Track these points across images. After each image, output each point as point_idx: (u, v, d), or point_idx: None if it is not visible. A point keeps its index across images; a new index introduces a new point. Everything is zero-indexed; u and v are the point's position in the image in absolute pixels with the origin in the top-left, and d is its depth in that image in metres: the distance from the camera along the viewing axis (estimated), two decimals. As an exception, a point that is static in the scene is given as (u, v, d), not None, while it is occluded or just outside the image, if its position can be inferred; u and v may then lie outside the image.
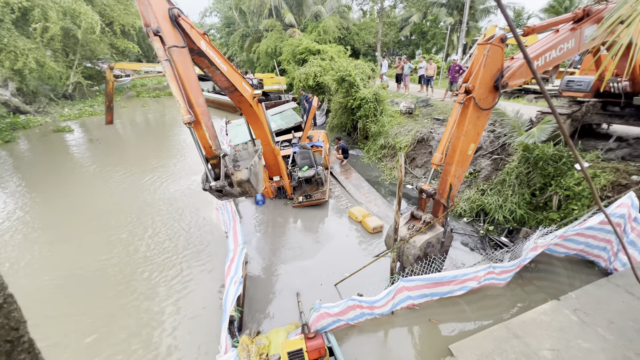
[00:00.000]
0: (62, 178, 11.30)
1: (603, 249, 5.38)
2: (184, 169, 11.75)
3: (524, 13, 29.67)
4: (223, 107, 21.38)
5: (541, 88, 1.78)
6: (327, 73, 15.22)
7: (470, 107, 4.47)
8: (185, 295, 5.69)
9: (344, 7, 28.22)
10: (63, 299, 5.72)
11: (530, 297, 5.08)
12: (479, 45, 4.48)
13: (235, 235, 5.42)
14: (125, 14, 22.64)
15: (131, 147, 15.16)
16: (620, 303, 4.14)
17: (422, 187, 4.99)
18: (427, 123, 11.04)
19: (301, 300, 5.24)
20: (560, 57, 4.83)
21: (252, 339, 4.03)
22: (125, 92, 30.67)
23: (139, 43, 27.25)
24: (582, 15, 4.91)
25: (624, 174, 5.88)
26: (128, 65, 22.82)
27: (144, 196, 9.59)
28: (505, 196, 6.90)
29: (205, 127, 4.35)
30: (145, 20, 3.87)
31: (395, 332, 4.69)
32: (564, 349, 3.62)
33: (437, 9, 26.53)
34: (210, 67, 5.20)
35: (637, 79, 6.36)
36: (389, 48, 32.68)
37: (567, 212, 6.00)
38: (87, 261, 6.65)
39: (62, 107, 22.52)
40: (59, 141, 16.05)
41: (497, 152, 8.43)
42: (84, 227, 7.97)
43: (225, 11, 36.08)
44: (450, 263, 5.99)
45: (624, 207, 4.83)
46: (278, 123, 13.10)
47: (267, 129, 7.46)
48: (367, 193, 9.17)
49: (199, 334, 4.89)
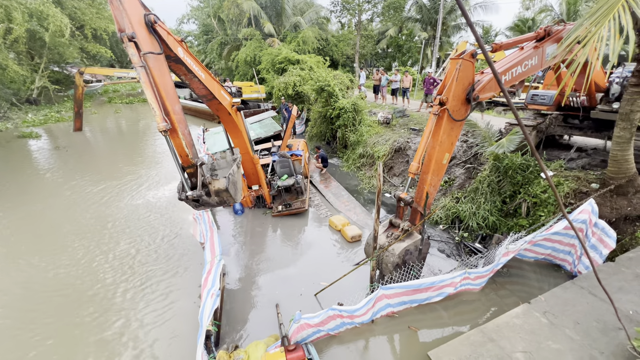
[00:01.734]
0: (21, 187, 10.57)
1: (568, 253, 5.70)
2: (158, 178, 11.35)
3: (491, 30, 31.53)
4: (200, 115, 20.99)
5: (508, 102, 1.89)
6: (307, 83, 15.36)
7: (445, 118, 4.66)
8: (158, 310, 5.42)
9: (323, 19, 28.78)
10: (17, 319, 5.30)
11: (503, 301, 5.27)
12: (451, 60, 4.70)
13: (212, 246, 5.27)
14: (98, 17, 21.89)
15: (101, 155, 14.48)
16: (585, 304, 4.38)
17: (400, 195, 5.10)
18: (404, 133, 11.36)
19: (280, 311, 5.14)
20: (526, 72, 5.16)
21: (229, 354, 3.90)
22: (96, 98, 29.43)
23: (111, 48, 26.38)
24: (544, 34, 5.29)
25: (585, 182, 6.30)
26: (99, 71, 21.99)
27: (113, 206, 9.15)
28: (479, 204, 7.17)
29: (181, 135, 4.24)
30: (119, 25, 3.75)
31: (375, 340, 4.70)
32: (536, 351, 3.76)
33: (412, 24, 27.66)
34: (187, 75, 5.10)
35: (593, 95, 6.89)
36: (367, 60, 33.56)
37: (535, 219, 6.32)
38: (43, 277, 6.22)
39: (26, 112, 21.23)
40: (20, 148, 15.08)
41: (470, 162, 8.79)
42: (40, 241, 7.47)
43: (203, 18, 35.75)
44: (428, 270, 6.12)
45: (585, 214, 5.15)
46: (257, 131, 13.02)
47: (246, 137, 7.39)
48: (347, 202, 9.24)
49: (174, 350, 4.66)
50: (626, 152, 5.54)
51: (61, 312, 5.40)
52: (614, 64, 4.64)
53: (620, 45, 4.15)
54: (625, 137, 5.42)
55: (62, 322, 5.20)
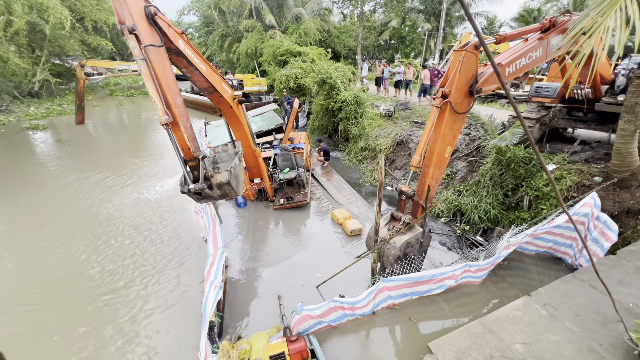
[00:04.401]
0: (23, 180, 10.65)
1: (569, 246, 5.70)
2: (160, 170, 11.39)
3: (496, 21, 31.05)
4: (202, 108, 20.93)
5: (508, 95, 1.87)
6: (308, 75, 15.26)
7: (447, 111, 4.62)
8: (162, 302, 5.51)
9: (325, 10, 28.42)
10: (31, 310, 5.40)
11: (503, 293, 5.30)
12: (454, 52, 4.64)
13: (215, 238, 5.32)
14: (98, 9, 21.72)
15: (103, 148, 14.52)
16: (585, 297, 4.41)
17: (402, 188, 5.10)
18: (406, 126, 11.30)
19: (283, 303, 5.21)
20: (530, 64, 5.09)
21: (232, 344, 3.96)
22: (97, 90, 29.39)
23: (112, 40, 26.23)
24: (549, 25, 5.20)
25: (587, 175, 6.27)
26: (100, 63, 21.88)
27: (115, 199, 9.22)
28: (480, 197, 7.17)
29: (183, 129, 4.24)
30: (119, 17, 3.72)
31: (376, 332, 4.76)
32: (535, 342, 3.80)
33: (415, 15, 27.25)
34: (188, 67, 5.08)
35: (598, 87, 6.80)
36: (369, 52, 33.20)
37: (537, 212, 6.32)
38: (48, 269, 6.31)
39: (28, 105, 21.25)
40: (23, 141, 15.15)
41: (473, 155, 8.75)
42: (38, 235, 7.56)
43: (204, 10, 35.44)
44: (429, 262, 6.15)
45: (587, 207, 5.14)
46: (259, 125, 12.99)
47: (248, 130, 7.38)
48: (349, 195, 9.26)
49: (178, 340, 4.75)
50: (630, 145, 5.49)
51: (61, 303, 5.50)
52: (619, 56, 4.57)
53: (626, 36, 4.07)
54: (630, 130, 5.37)
55: (61, 313, 5.30)
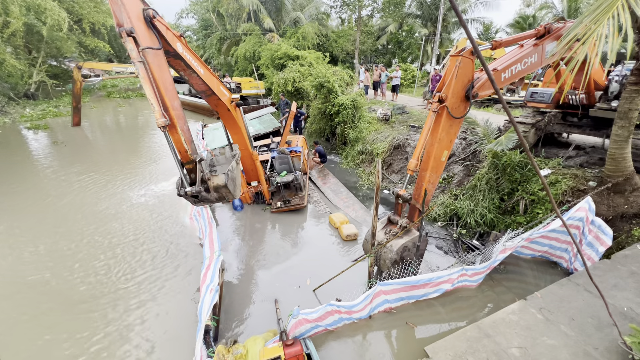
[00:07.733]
0: (17, 181, 10.56)
1: (565, 250, 5.74)
2: (157, 173, 11.34)
3: (492, 27, 31.36)
4: (199, 111, 20.91)
5: (501, 101, 1.89)
6: (306, 79, 15.31)
7: (444, 115, 4.66)
8: (157, 305, 5.46)
9: (323, 15, 28.61)
10: (18, 312, 5.33)
11: (499, 297, 5.31)
12: (451, 57, 4.69)
13: (211, 241, 5.29)
14: (96, 11, 21.70)
15: (100, 150, 14.44)
16: (581, 301, 4.43)
17: (399, 192, 5.11)
18: (403, 130, 11.35)
19: (279, 307, 5.18)
20: (525, 70, 5.15)
21: (228, 349, 3.93)
22: (94, 92, 29.28)
23: (110, 42, 26.20)
24: (544, 32, 5.28)
25: (582, 180, 6.33)
26: (98, 65, 21.79)
27: (110, 201, 9.15)
28: (477, 201, 7.20)
29: (180, 131, 4.24)
30: (117, 20, 3.73)
31: (372, 336, 4.74)
32: (531, 347, 3.81)
33: (412, 20, 27.49)
34: (186, 70, 5.09)
35: (592, 93, 6.89)
36: (367, 56, 33.41)
37: (532, 216, 6.36)
38: (34, 271, 6.24)
39: (24, 107, 21.11)
40: (18, 142, 15.03)
41: (469, 159, 8.81)
42: (34, 242, 7.49)
43: (202, 13, 35.49)
44: (426, 266, 6.16)
45: (582, 211, 5.19)
46: (256, 128, 13.01)
47: (245, 133, 7.38)
48: (346, 198, 9.26)
49: (173, 345, 4.70)
50: (624, 150, 5.56)
51: (56, 306, 5.43)
52: (612, 62, 4.64)
53: (619, 43, 4.15)
54: (624, 136, 5.44)
55: (58, 317, 5.24)
